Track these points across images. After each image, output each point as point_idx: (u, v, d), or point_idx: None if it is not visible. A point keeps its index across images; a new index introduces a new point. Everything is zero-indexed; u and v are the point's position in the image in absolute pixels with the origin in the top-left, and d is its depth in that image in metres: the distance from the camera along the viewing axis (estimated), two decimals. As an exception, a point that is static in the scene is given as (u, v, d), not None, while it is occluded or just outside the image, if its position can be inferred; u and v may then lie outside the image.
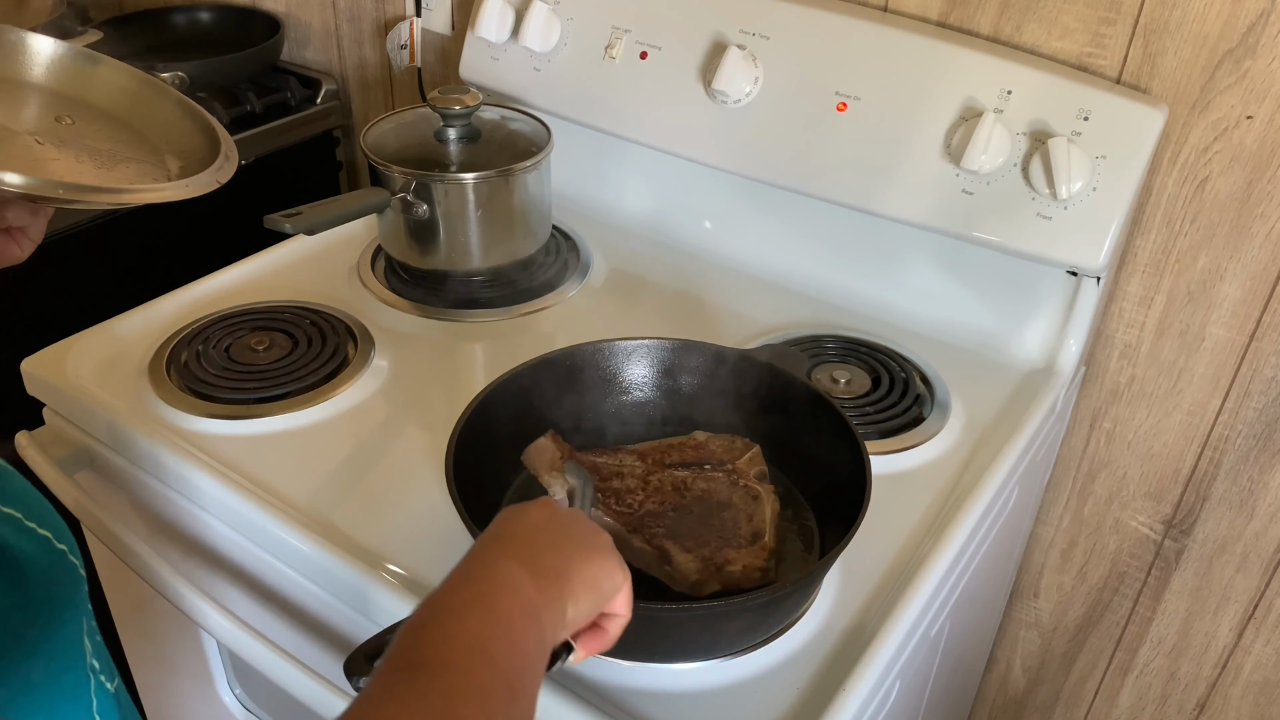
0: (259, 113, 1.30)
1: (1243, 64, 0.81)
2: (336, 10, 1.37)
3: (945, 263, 0.94)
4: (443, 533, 0.68)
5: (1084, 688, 1.17)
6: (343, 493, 0.75)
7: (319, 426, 0.81)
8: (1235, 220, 0.86)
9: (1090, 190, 0.83)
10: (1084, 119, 0.82)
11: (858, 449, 0.68)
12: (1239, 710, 1.07)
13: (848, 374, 0.87)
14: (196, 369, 0.85)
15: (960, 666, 1.06)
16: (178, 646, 0.94)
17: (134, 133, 0.69)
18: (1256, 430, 0.92)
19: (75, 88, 0.68)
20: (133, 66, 0.70)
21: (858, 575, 0.69)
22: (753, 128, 0.95)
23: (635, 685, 0.62)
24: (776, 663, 0.63)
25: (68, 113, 0.66)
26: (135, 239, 1.20)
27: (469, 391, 0.71)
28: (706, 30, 0.96)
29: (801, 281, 1.01)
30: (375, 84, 1.39)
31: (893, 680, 0.67)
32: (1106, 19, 0.85)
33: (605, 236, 1.08)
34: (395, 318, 0.94)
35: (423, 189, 0.92)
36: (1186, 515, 1.00)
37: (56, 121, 0.65)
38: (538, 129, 0.99)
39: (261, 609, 0.78)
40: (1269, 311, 0.88)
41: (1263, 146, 0.82)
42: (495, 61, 1.08)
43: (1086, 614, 1.12)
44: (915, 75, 0.88)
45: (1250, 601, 1.00)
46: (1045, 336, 0.92)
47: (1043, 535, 1.10)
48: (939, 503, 0.77)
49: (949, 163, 0.87)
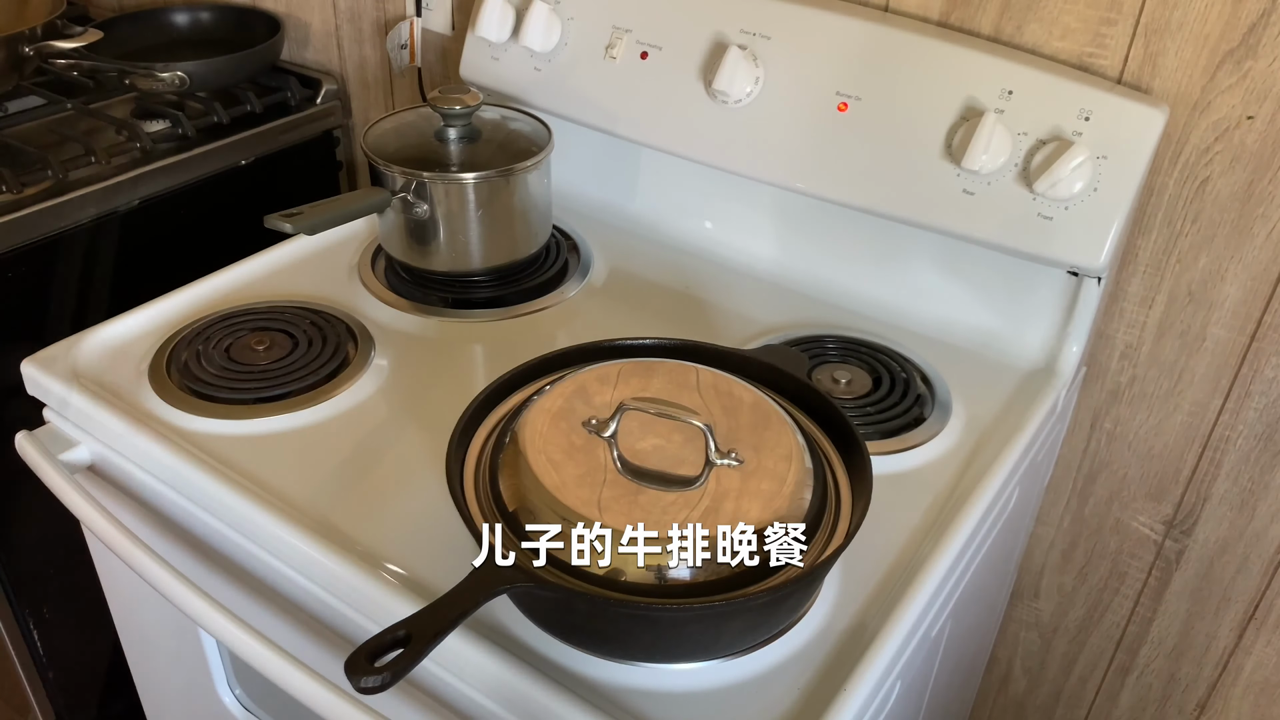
0: (259, 113, 1.30)
1: (1244, 64, 0.81)
2: (336, 10, 1.37)
3: (946, 263, 0.94)
4: (443, 533, 0.68)
5: (1084, 688, 1.17)
6: (343, 493, 0.75)
7: (319, 426, 0.81)
8: (1236, 220, 0.86)
9: (1091, 190, 0.83)
10: (1085, 119, 0.82)
11: (858, 449, 0.68)
12: (1239, 711, 1.07)
13: (848, 374, 0.87)
14: (197, 369, 0.85)
15: (961, 667, 1.06)
16: (178, 646, 0.94)
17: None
18: (1257, 431, 0.92)
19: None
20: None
21: (858, 575, 0.69)
22: (753, 128, 0.95)
23: (635, 685, 0.62)
24: (776, 663, 0.63)
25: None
26: (135, 239, 1.20)
27: (469, 391, 0.71)
28: (707, 30, 0.96)
29: (801, 281, 1.01)
30: (375, 84, 1.39)
31: (893, 681, 0.66)
32: (1107, 19, 0.85)
33: (605, 236, 1.08)
34: (395, 318, 0.94)
35: (423, 189, 0.92)
36: (1187, 516, 1.00)
37: None
38: (538, 129, 0.99)
39: (261, 609, 0.78)
40: (1270, 312, 0.88)
41: (1264, 147, 0.82)
42: (495, 61, 1.08)
43: (1087, 614, 1.12)
44: (916, 75, 0.88)
45: (1251, 602, 1.00)
46: (1046, 337, 0.92)
47: (1043, 536, 1.10)
48: (939, 503, 0.77)
49: (950, 163, 0.87)
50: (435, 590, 0.59)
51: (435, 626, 0.53)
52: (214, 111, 1.26)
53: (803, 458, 0.67)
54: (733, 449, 0.65)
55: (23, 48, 1.22)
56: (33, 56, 1.23)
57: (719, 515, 0.62)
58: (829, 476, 0.69)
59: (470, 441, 0.70)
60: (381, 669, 0.51)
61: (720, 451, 0.65)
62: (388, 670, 0.51)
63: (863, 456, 0.68)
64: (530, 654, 0.63)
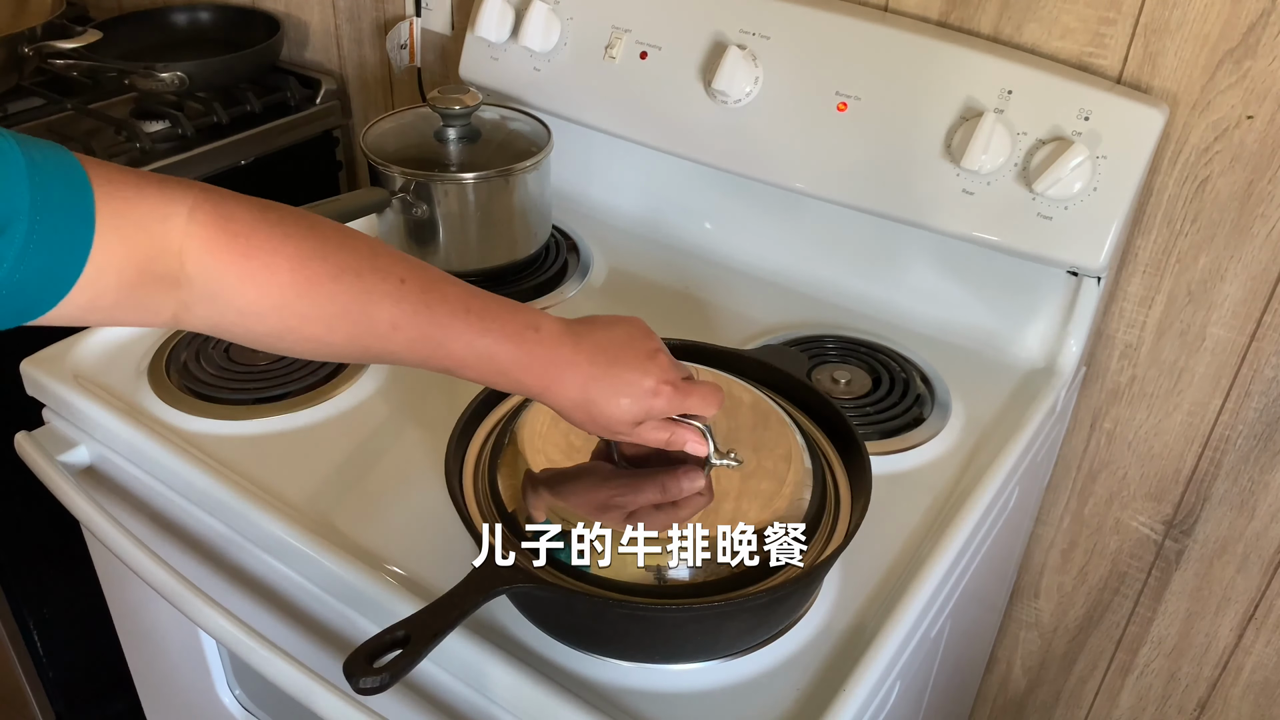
0: (259, 113, 1.30)
1: (1243, 64, 0.81)
2: (336, 10, 1.37)
3: (945, 262, 0.94)
4: (443, 533, 0.68)
5: (1084, 688, 1.17)
6: (343, 493, 0.75)
7: (319, 426, 0.81)
8: (1236, 220, 0.86)
9: (1091, 190, 0.83)
10: (1084, 119, 0.82)
11: (858, 449, 0.68)
12: (1239, 710, 1.07)
13: (848, 374, 0.87)
14: (196, 369, 0.85)
15: (960, 667, 1.06)
16: (177, 646, 0.94)
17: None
18: (1257, 430, 0.92)
19: None
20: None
21: (858, 575, 0.69)
22: (753, 128, 0.95)
23: (635, 685, 0.62)
24: (776, 663, 0.63)
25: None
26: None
27: (469, 391, 0.71)
28: (706, 30, 0.96)
29: (801, 281, 1.01)
30: (375, 84, 1.39)
31: (893, 681, 0.66)
32: (1107, 19, 0.85)
33: (605, 236, 1.07)
34: (395, 318, 0.94)
35: (423, 189, 0.92)
36: (1187, 515, 1.00)
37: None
38: (538, 129, 0.99)
39: (261, 609, 0.78)
40: (1269, 312, 0.87)
41: (1263, 146, 0.82)
42: (495, 61, 1.08)
43: (1087, 614, 1.12)
44: (915, 75, 0.88)
45: (1251, 602, 1.00)
46: (1046, 337, 0.92)
47: (1043, 535, 1.10)
48: (939, 503, 0.76)
49: (949, 162, 0.87)
50: (435, 590, 0.59)
51: (434, 627, 0.53)
52: (214, 112, 1.26)
53: (802, 458, 0.67)
54: (732, 449, 0.65)
55: (23, 48, 1.22)
56: (33, 56, 1.23)
57: (719, 515, 0.62)
58: (828, 476, 0.69)
59: (470, 441, 0.70)
60: (380, 669, 0.51)
61: (720, 452, 0.65)
62: (387, 671, 0.51)
63: (862, 456, 0.68)
64: (530, 654, 0.63)
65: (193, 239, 0.52)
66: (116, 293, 0.51)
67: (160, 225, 0.51)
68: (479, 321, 0.58)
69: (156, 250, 0.51)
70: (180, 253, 0.52)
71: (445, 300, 0.58)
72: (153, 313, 0.53)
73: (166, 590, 0.72)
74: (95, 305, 0.50)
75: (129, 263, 0.50)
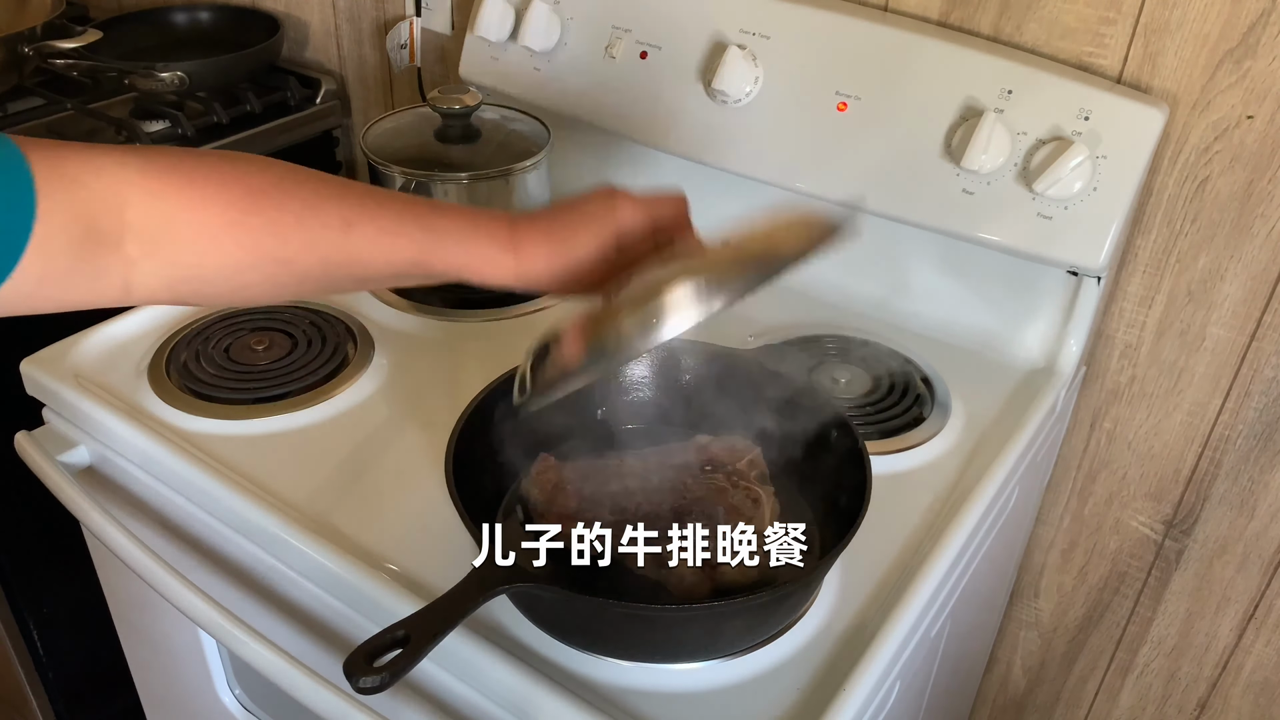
0: (258, 113, 1.30)
1: (1243, 64, 0.81)
2: (336, 10, 1.37)
3: (945, 262, 0.94)
4: (443, 533, 0.68)
5: (1084, 688, 1.17)
6: (343, 493, 0.75)
7: (319, 426, 0.81)
8: (1236, 220, 0.86)
9: (1091, 190, 0.83)
10: (1084, 119, 0.82)
11: (858, 449, 0.68)
12: (1239, 710, 1.07)
13: (848, 374, 0.87)
14: (196, 369, 0.85)
15: (960, 667, 1.06)
16: (178, 646, 0.94)
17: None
18: (1257, 430, 0.92)
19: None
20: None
21: (858, 575, 0.69)
22: (753, 128, 0.95)
23: (635, 685, 0.62)
24: (776, 663, 0.63)
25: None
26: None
27: (469, 391, 0.71)
28: (706, 30, 0.96)
29: (802, 281, 1.00)
30: (375, 84, 1.39)
31: (893, 681, 0.66)
32: (1107, 19, 0.85)
33: (605, 236, 1.07)
34: (395, 318, 0.94)
35: (423, 189, 0.92)
36: (1187, 515, 1.00)
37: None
38: (538, 129, 0.99)
39: (261, 609, 0.78)
40: (1269, 311, 0.87)
41: (1263, 146, 0.82)
42: (495, 61, 1.08)
43: (1087, 614, 1.12)
44: (915, 75, 0.88)
45: (1251, 601, 1.00)
46: (1045, 336, 0.92)
47: (1043, 535, 1.10)
48: (939, 503, 0.77)
49: (949, 162, 0.87)
50: (435, 590, 0.59)
51: (434, 627, 0.53)
52: (213, 111, 1.26)
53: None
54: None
55: (23, 47, 1.22)
56: (33, 56, 1.23)
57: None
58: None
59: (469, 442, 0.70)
60: (380, 669, 0.51)
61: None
62: (386, 670, 0.51)
63: (862, 457, 0.68)
64: (530, 654, 0.63)
65: (130, 185, 0.53)
66: (67, 256, 0.51)
67: (96, 178, 0.52)
68: (431, 210, 0.59)
69: (98, 203, 0.52)
70: (121, 205, 0.52)
71: (393, 197, 0.59)
72: (104, 280, 0.53)
73: (166, 590, 0.72)
74: (48, 274, 0.50)
75: (74, 220, 0.51)
